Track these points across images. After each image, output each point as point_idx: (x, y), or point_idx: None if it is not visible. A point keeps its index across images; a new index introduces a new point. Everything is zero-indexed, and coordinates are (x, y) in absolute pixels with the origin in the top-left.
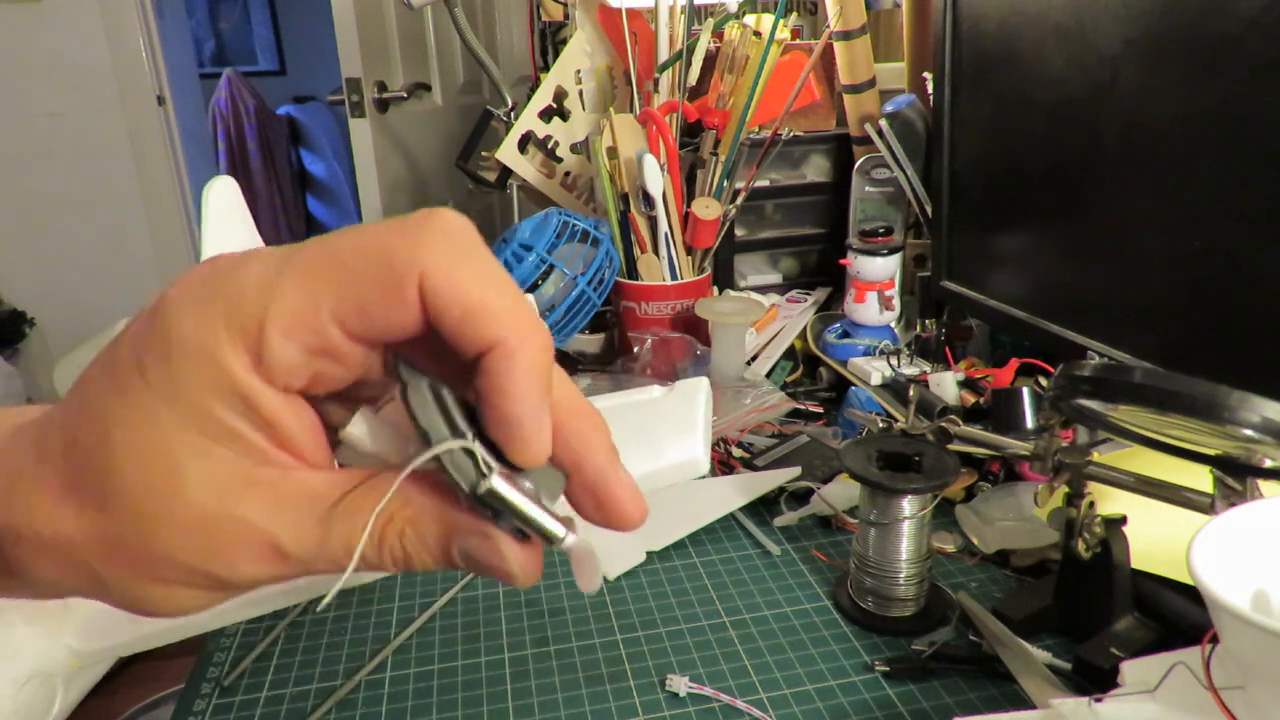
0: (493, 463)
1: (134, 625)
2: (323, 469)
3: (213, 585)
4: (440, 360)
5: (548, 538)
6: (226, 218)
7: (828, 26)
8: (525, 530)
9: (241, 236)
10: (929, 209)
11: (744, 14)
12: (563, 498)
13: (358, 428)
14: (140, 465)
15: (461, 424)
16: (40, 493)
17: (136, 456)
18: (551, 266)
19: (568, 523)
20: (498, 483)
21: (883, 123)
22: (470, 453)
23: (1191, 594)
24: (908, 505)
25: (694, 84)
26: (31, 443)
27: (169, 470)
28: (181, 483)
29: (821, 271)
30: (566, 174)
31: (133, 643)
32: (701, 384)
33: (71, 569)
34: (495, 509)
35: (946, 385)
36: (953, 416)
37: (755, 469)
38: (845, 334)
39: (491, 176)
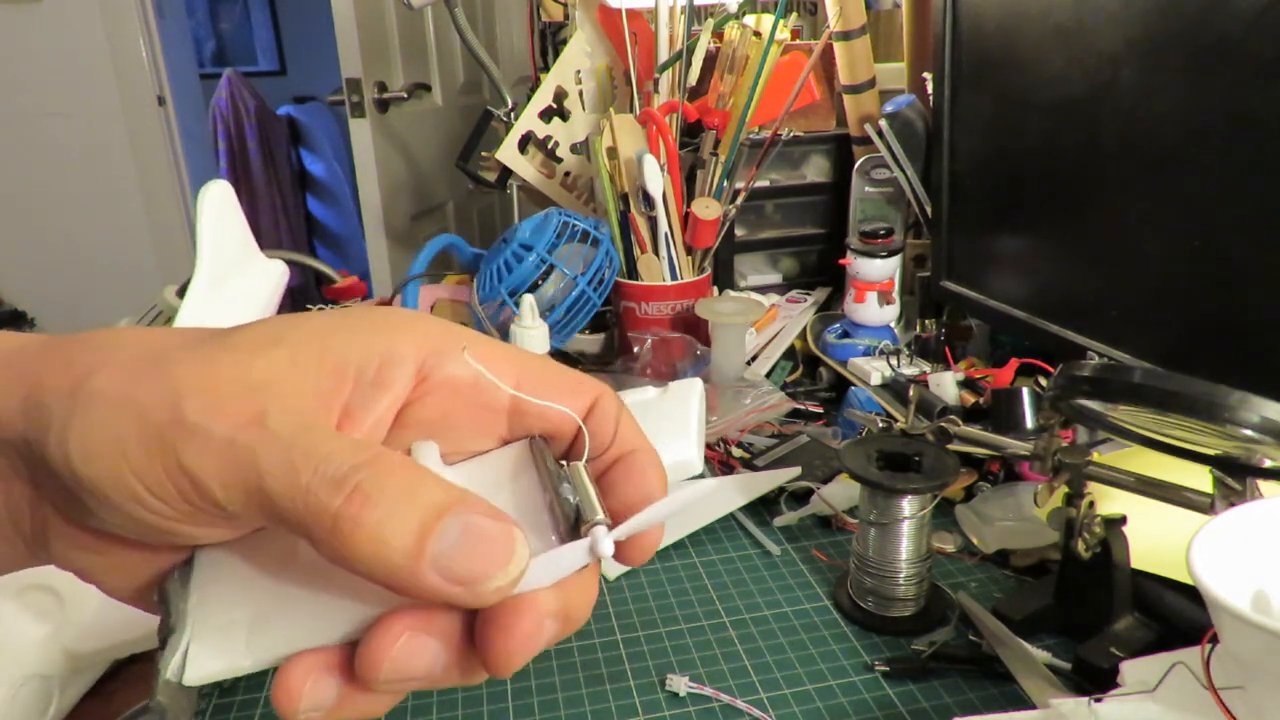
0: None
1: (131, 627)
2: None
3: (160, 431)
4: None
5: (595, 518)
6: (222, 222)
7: (828, 26)
8: (574, 506)
9: (237, 239)
10: (929, 209)
11: (744, 14)
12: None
13: (429, 454)
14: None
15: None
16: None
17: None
18: (551, 266)
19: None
20: (582, 465)
21: (883, 123)
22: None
23: (1191, 594)
24: (908, 505)
25: (694, 84)
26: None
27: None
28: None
29: (821, 271)
30: (566, 174)
31: (129, 644)
32: (695, 385)
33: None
34: (571, 483)
35: (946, 385)
36: (953, 416)
37: (755, 469)
38: (845, 334)
39: (491, 176)
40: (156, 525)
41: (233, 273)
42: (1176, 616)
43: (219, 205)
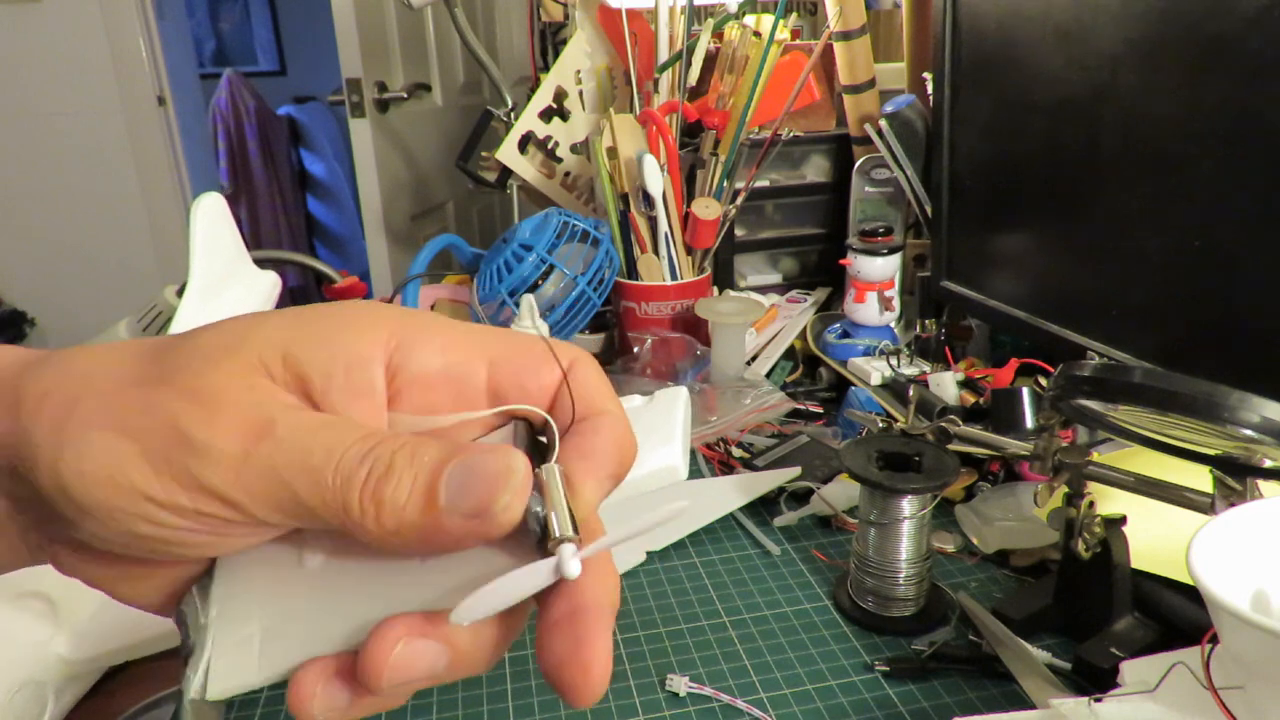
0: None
1: (125, 633)
2: None
3: (168, 452)
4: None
5: (547, 529)
6: (214, 234)
7: (828, 26)
8: (540, 517)
9: (229, 251)
10: (929, 209)
11: (744, 14)
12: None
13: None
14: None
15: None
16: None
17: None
18: (551, 266)
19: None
20: (555, 466)
21: (883, 123)
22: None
23: (1191, 594)
24: (908, 505)
25: (694, 84)
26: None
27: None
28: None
29: (821, 271)
30: (566, 174)
31: (124, 650)
32: (680, 393)
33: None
34: (541, 491)
35: (946, 385)
36: (953, 416)
37: (755, 469)
38: (845, 334)
39: (491, 176)
40: (169, 540)
41: (224, 284)
42: (1176, 616)
43: (212, 216)
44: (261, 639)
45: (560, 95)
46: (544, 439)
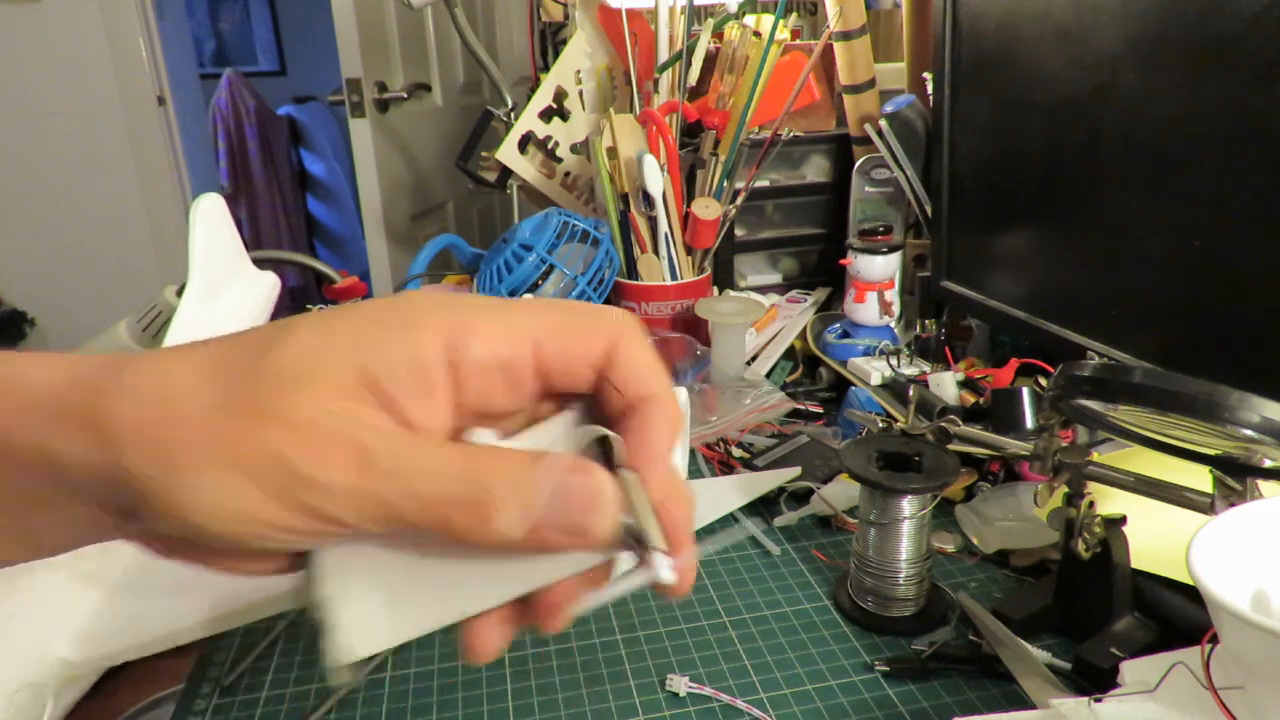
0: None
1: (125, 634)
2: None
3: (281, 486)
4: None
5: (643, 539)
6: (214, 235)
7: (828, 27)
8: (633, 528)
9: (228, 252)
10: (929, 209)
11: (744, 14)
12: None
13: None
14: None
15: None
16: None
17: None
18: (551, 266)
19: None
20: (634, 477)
21: (883, 123)
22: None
23: (1191, 594)
24: (908, 505)
25: (694, 84)
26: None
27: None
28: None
29: (821, 271)
30: (566, 174)
31: (124, 652)
32: (679, 394)
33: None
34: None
35: (946, 385)
36: (953, 416)
37: (755, 469)
38: (845, 334)
39: (491, 176)
40: (279, 546)
41: (224, 285)
42: (1176, 616)
43: (211, 218)
44: (385, 610)
45: (560, 95)
46: (593, 409)
